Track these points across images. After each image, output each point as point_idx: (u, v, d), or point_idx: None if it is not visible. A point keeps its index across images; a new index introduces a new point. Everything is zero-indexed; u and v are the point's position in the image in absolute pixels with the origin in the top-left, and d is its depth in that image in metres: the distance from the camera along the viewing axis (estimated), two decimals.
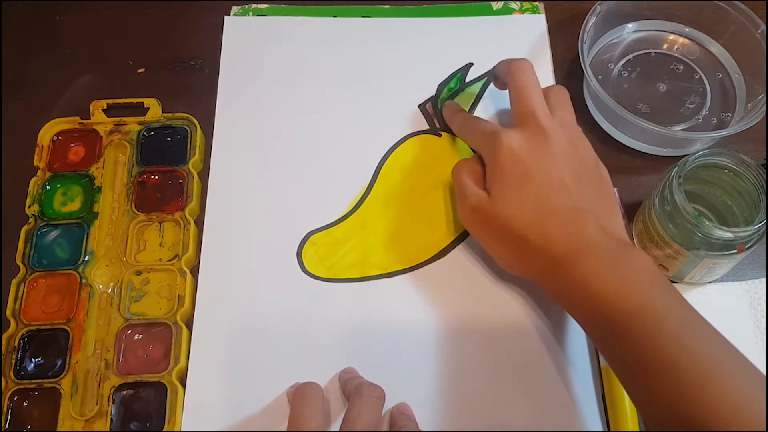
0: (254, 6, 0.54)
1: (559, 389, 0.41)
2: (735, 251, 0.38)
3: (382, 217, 0.46)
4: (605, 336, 0.35)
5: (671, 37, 0.52)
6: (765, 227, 0.38)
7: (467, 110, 0.49)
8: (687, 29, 0.52)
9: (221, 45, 0.52)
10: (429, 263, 0.44)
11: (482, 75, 0.51)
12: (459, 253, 0.45)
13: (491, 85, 0.50)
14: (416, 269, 0.44)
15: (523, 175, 0.38)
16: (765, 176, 0.38)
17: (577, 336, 0.42)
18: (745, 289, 0.43)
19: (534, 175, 0.38)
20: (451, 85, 0.50)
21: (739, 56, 0.50)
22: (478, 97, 0.49)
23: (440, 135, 0.49)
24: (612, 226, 0.38)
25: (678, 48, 0.52)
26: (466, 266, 0.44)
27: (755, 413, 0.30)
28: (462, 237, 0.45)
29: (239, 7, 0.54)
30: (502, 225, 0.38)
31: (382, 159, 0.48)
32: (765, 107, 0.45)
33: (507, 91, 0.44)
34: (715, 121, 0.49)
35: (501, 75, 0.46)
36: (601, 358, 0.41)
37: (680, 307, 0.34)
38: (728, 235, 0.37)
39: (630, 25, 0.52)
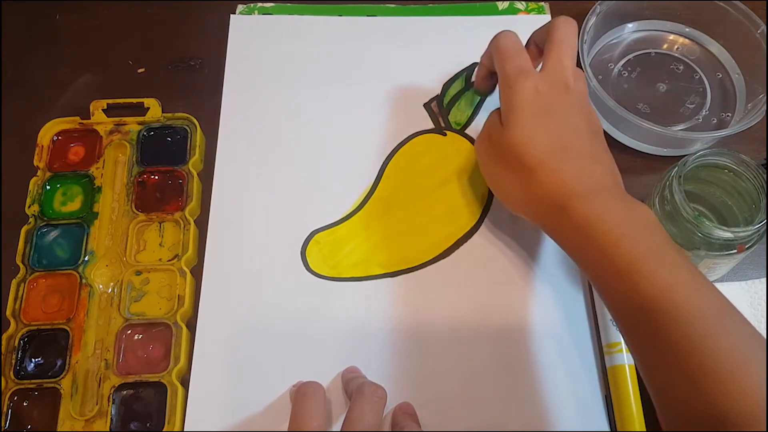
0: (260, 5, 0.54)
1: (563, 389, 0.41)
2: (735, 251, 0.38)
3: (386, 217, 0.46)
4: (609, 282, 0.34)
5: (671, 37, 0.52)
6: (765, 227, 0.38)
7: (471, 110, 0.49)
8: (687, 29, 0.52)
9: (222, 44, 0.52)
10: (433, 263, 0.44)
11: None
12: (463, 252, 0.45)
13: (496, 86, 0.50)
14: (420, 269, 0.44)
15: (543, 111, 0.38)
16: (765, 176, 0.38)
17: (581, 336, 0.42)
18: (745, 289, 0.44)
19: (554, 114, 0.39)
20: (457, 84, 0.50)
21: (739, 56, 0.50)
22: (483, 98, 0.50)
23: (445, 134, 0.49)
24: (618, 181, 0.39)
25: (678, 48, 0.52)
26: (470, 266, 0.44)
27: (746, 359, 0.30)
28: (466, 237, 0.45)
29: (245, 6, 0.54)
30: (512, 154, 0.38)
31: (386, 158, 0.48)
32: (765, 107, 0.45)
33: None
34: (715, 121, 0.49)
35: (539, 38, 0.43)
36: (607, 357, 0.41)
37: (685, 263, 0.34)
38: (728, 235, 0.37)
39: (630, 25, 0.52)
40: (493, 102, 0.50)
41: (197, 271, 0.44)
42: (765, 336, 0.39)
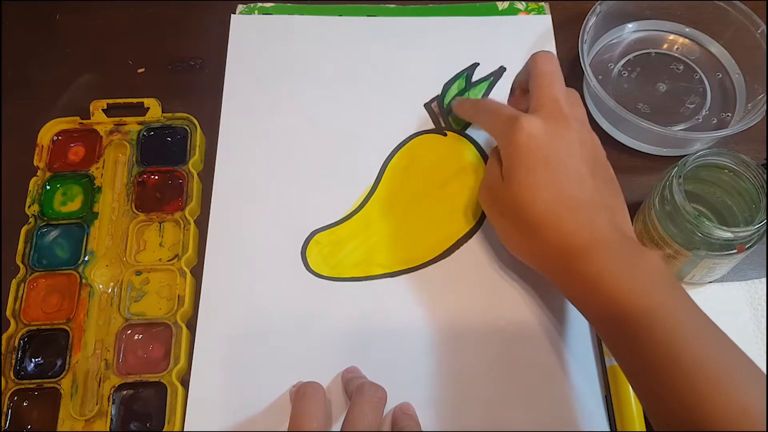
0: (260, 5, 0.54)
1: (563, 389, 0.41)
2: (735, 251, 0.38)
3: (386, 217, 0.46)
4: (616, 335, 0.35)
5: (671, 37, 0.52)
6: (765, 227, 0.38)
7: None
8: (687, 29, 0.52)
9: (222, 44, 0.52)
10: (433, 263, 0.44)
11: (488, 75, 0.51)
12: (463, 253, 0.45)
13: (496, 86, 0.50)
14: (420, 269, 0.44)
15: (540, 161, 0.37)
16: (765, 176, 0.38)
17: (581, 336, 0.42)
18: (745, 289, 0.43)
19: (551, 162, 0.37)
20: (457, 84, 0.50)
21: (739, 56, 0.50)
22: (484, 98, 0.50)
23: (446, 134, 0.49)
24: (623, 224, 0.38)
25: (678, 48, 0.52)
26: (470, 266, 0.44)
27: (762, 418, 0.30)
28: (466, 237, 0.45)
29: (245, 6, 0.54)
30: (515, 210, 0.38)
31: (387, 158, 0.48)
32: (765, 107, 0.45)
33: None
34: (715, 121, 0.49)
35: (522, 78, 0.43)
36: (607, 358, 0.41)
37: (693, 311, 0.33)
38: (728, 235, 0.37)
39: (630, 25, 0.52)
40: None
41: (197, 271, 0.44)
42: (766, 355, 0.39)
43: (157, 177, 0.47)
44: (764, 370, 0.32)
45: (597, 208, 0.37)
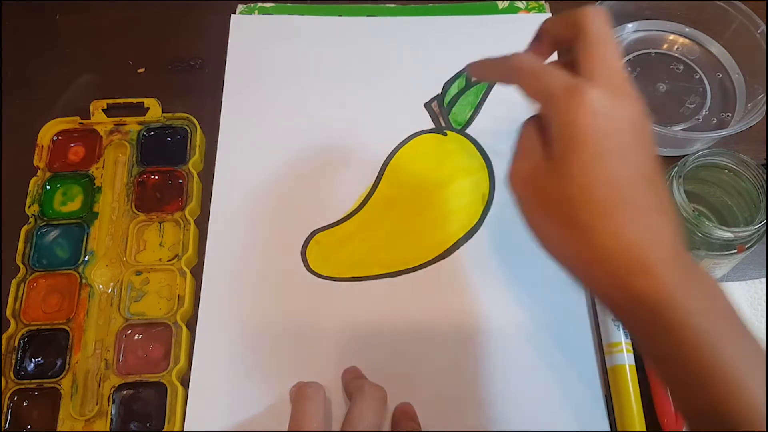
0: (260, 5, 0.54)
1: (563, 389, 0.41)
2: (735, 251, 0.38)
3: (386, 216, 0.46)
4: (673, 362, 0.29)
5: (671, 37, 0.52)
6: (765, 227, 0.38)
7: (472, 110, 0.49)
8: (687, 29, 0.52)
9: (222, 44, 0.52)
10: (433, 263, 0.44)
11: None
12: (463, 253, 0.45)
13: (496, 86, 0.49)
14: (420, 269, 0.44)
15: (605, 151, 0.29)
16: (765, 176, 0.38)
17: (581, 336, 0.42)
18: (745, 289, 0.44)
19: (616, 149, 0.29)
20: (458, 84, 0.50)
21: (739, 56, 0.50)
22: (484, 97, 0.50)
23: (446, 134, 0.49)
24: (681, 239, 0.31)
25: (678, 48, 0.52)
26: (470, 266, 0.44)
27: None
28: (466, 237, 0.45)
29: (245, 6, 0.54)
30: (565, 207, 0.30)
31: (387, 158, 0.48)
32: (765, 107, 0.45)
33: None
34: (715, 121, 0.49)
35: (556, 30, 0.32)
36: (607, 358, 0.41)
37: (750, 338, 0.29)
38: (728, 235, 0.37)
39: (630, 25, 0.52)
40: (494, 102, 0.50)
41: (197, 271, 0.44)
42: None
43: (157, 177, 0.47)
44: None
45: (662, 216, 0.30)
